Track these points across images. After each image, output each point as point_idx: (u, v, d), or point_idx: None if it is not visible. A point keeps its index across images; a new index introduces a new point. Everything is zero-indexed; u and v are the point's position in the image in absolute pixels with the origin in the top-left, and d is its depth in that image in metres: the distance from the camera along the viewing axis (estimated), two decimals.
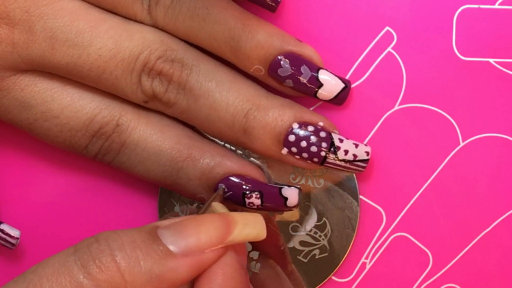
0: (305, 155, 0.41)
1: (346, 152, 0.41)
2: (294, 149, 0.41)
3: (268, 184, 0.42)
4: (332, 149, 0.41)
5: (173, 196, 0.44)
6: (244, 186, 0.42)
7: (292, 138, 0.41)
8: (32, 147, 0.44)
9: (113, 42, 0.40)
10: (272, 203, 0.42)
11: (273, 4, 0.41)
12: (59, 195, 0.45)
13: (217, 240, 0.35)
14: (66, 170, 0.45)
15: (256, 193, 0.42)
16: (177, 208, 0.44)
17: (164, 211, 0.44)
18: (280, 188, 0.42)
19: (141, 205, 0.45)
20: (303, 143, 0.41)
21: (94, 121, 0.41)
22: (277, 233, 0.44)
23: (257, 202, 0.42)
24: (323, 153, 0.41)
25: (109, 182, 0.45)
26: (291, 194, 0.42)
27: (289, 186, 0.43)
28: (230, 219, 0.36)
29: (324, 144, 0.41)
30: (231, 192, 0.42)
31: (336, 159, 0.41)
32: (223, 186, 0.41)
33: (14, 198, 0.45)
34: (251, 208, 0.42)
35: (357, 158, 0.42)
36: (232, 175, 0.42)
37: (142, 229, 0.35)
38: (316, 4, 0.43)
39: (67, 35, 0.40)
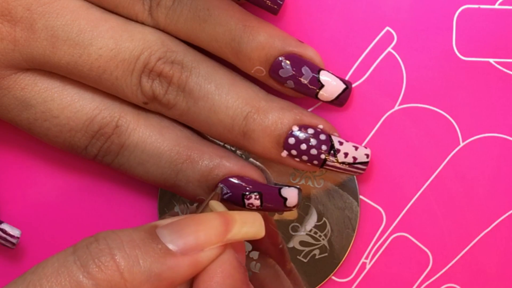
0: (305, 157, 0.41)
1: (346, 154, 0.41)
2: (294, 152, 0.41)
3: (268, 184, 0.42)
4: (332, 151, 0.41)
5: (174, 197, 0.44)
6: (243, 187, 0.42)
7: (292, 140, 0.41)
8: (32, 147, 0.44)
9: (113, 42, 0.40)
10: (272, 203, 0.42)
11: (275, 6, 0.41)
12: (59, 195, 0.45)
13: (216, 238, 0.35)
14: (66, 170, 0.45)
15: (255, 194, 0.42)
16: (177, 208, 0.44)
17: (164, 211, 0.44)
18: (280, 189, 0.42)
19: (141, 205, 0.45)
20: (303, 146, 0.41)
21: (93, 122, 0.41)
22: (276, 231, 0.44)
23: (257, 203, 0.42)
24: (323, 156, 0.41)
25: (109, 182, 0.45)
26: (291, 195, 0.42)
27: (288, 186, 0.43)
28: (229, 218, 0.36)
29: (324, 147, 0.41)
30: (230, 193, 0.42)
31: (335, 161, 0.41)
32: (221, 185, 0.41)
33: (14, 198, 0.45)
34: (250, 209, 0.42)
35: (357, 161, 0.42)
36: (231, 176, 0.42)
37: (140, 228, 0.35)
38: (316, 4, 0.43)
39: (68, 34, 0.40)
